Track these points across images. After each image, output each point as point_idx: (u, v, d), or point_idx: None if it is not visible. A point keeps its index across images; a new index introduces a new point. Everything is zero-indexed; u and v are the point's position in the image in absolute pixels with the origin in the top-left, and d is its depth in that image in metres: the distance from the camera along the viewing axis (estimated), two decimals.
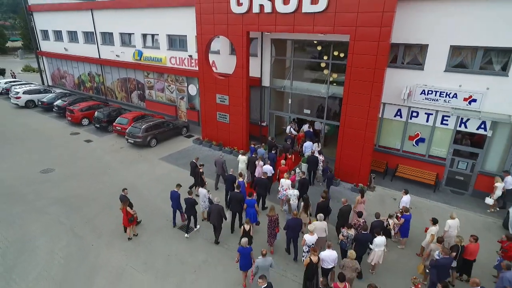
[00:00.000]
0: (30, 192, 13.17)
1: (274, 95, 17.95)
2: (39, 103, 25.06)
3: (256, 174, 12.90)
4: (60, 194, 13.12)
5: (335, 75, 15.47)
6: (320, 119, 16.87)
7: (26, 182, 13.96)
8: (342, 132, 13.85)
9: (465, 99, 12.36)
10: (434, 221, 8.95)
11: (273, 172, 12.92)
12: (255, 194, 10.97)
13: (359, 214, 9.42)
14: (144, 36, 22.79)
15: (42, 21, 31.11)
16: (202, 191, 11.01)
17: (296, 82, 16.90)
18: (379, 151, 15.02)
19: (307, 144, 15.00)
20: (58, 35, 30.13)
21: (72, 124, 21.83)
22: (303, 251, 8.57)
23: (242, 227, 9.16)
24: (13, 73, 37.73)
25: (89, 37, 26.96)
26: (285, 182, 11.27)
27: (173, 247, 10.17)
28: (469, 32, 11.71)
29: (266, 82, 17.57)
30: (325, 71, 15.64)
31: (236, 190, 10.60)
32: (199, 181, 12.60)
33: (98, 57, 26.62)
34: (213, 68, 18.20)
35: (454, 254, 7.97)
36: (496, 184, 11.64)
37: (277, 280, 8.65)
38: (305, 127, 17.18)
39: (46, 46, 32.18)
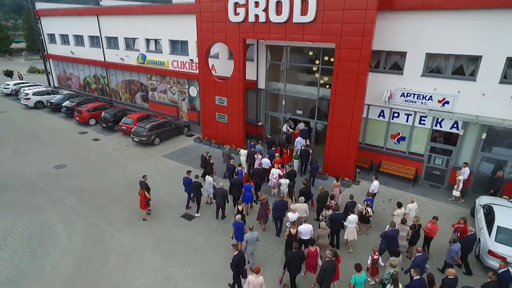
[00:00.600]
0: (47, 185, 14.53)
1: (269, 97, 19.31)
2: (48, 104, 26.44)
3: (256, 166, 14.37)
4: (73, 187, 14.47)
5: (325, 78, 16.82)
6: (311, 119, 18.22)
7: (42, 177, 15.33)
8: (329, 131, 15.21)
9: (439, 101, 13.71)
10: (399, 205, 10.46)
11: (270, 165, 14.33)
12: (252, 182, 12.60)
13: (331, 197, 11.03)
14: (148, 40, 24.14)
15: (49, 25, 32.49)
16: (208, 178, 12.71)
17: (289, 84, 18.25)
18: (364, 148, 16.37)
19: (298, 139, 16.50)
20: (64, 38, 31.51)
21: (80, 124, 23.20)
22: (287, 227, 10.04)
23: (236, 206, 10.84)
24: (20, 74, 39.13)
25: (94, 41, 28.34)
26: (275, 171, 13.04)
27: (177, 232, 11.52)
28: (442, 41, 13.05)
29: (261, 84, 18.93)
30: (316, 75, 17.00)
31: (235, 177, 12.35)
32: (209, 170, 14.16)
33: (103, 60, 28.01)
34: (213, 72, 19.56)
35: (408, 228, 9.61)
36: (458, 177, 13.00)
37: (264, 257, 10.02)
38: (301, 125, 18.60)
39: (52, 49, 33.55)
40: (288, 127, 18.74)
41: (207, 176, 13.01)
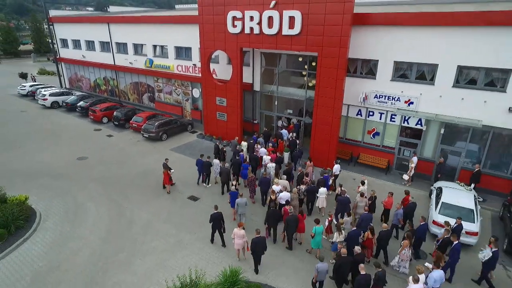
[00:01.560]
0: (73, 174, 17.06)
1: (263, 97, 21.82)
2: (63, 104, 28.97)
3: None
4: (95, 175, 17.00)
5: (312, 82, 19.31)
6: (300, 117, 20.73)
7: (68, 166, 17.86)
8: (314, 127, 17.74)
9: (405, 102, 16.22)
10: (362, 183, 13.01)
11: (265, 153, 16.95)
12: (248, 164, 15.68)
13: (306, 175, 13.90)
14: (155, 47, 26.65)
15: (62, 31, 35.01)
16: (215, 161, 15.81)
17: (281, 87, 20.75)
18: (345, 142, 18.88)
19: (283, 131, 19.67)
20: (76, 43, 34.03)
21: (94, 122, 25.72)
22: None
23: (230, 182, 14.24)
24: (33, 76, 41.66)
25: (105, 46, 30.86)
26: (266, 157, 16.02)
27: (185, 209, 14.03)
28: (407, 51, 15.56)
29: (257, 87, 21.45)
30: (304, 78, 19.52)
31: (236, 157, 15.94)
32: (222, 157, 17.09)
33: (113, 63, 30.52)
34: (214, 75, 22.03)
35: (366, 200, 12.38)
36: (411, 165, 15.61)
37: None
38: (294, 120, 21.20)
39: (65, 53, 36.08)
40: (282, 122, 21.42)
41: (215, 159, 16.05)
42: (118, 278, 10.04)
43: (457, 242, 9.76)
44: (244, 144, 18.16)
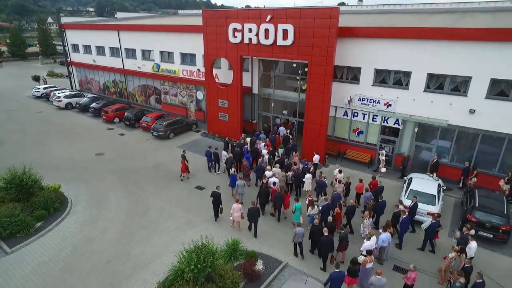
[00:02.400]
0: (93, 167, 19.41)
1: (261, 100, 24.14)
2: (77, 105, 31.33)
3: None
4: (112, 168, 19.34)
5: (305, 86, 21.59)
6: (293, 118, 23.06)
7: (88, 161, 20.22)
8: (305, 127, 20.08)
9: (384, 104, 18.54)
10: (339, 171, 15.38)
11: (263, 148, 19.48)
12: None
13: (294, 163, 16.46)
14: (162, 52, 28.97)
15: (73, 37, 37.36)
16: (224, 152, 18.62)
17: (277, 90, 23.06)
18: (334, 140, 21.20)
19: (281, 128, 22.33)
20: (87, 49, 36.37)
21: (106, 122, 28.07)
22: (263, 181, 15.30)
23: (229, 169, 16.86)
24: (45, 79, 44.00)
25: (114, 51, 33.19)
26: (264, 151, 18.58)
27: (193, 197, 16.35)
28: (385, 60, 17.87)
29: (255, 90, 23.77)
30: (298, 83, 21.84)
31: (237, 149, 18.78)
32: (229, 149, 19.80)
33: (122, 67, 32.86)
34: (216, 80, 24.32)
35: (342, 185, 14.78)
36: (382, 157, 18.07)
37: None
38: (292, 119, 23.58)
39: (75, 57, 38.42)
40: (280, 120, 23.96)
41: (223, 151, 18.95)
42: (141, 249, 12.37)
43: (405, 216, 12.13)
44: (248, 139, 20.70)
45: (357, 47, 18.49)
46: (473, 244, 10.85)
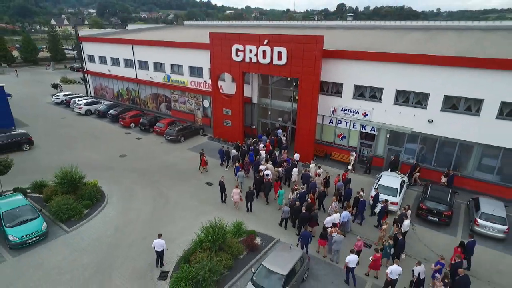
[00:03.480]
0: (117, 166, 23.13)
1: (260, 108, 27.85)
2: (96, 111, 35.06)
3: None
4: (134, 168, 23.05)
5: (297, 97, 25.30)
6: (288, 124, 26.79)
7: (113, 161, 23.95)
8: (297, 132, 23.81)
9: (362, 114, 22.25)
10: (319, 167, 19.24)
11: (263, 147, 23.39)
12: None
13: (285, 160, 20.18)
14: (172, 65, 32.69)
15: (89, 49, 41.10)
16: (233, 151, 22.41)
17: (273, 100, 26.77)
18: (322, 143, 24.90)
19: (279, 131, 26.10)
20: (102, 59, 40.10)
21: (123, 127, 31.79)
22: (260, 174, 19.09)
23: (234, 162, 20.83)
24: (61, 86, 47.69)
25: (128, 63, 36.91)
26: (262, 152, 22.31)
27: (204, 191, 20.03)
28: (363, 77, 21.57)
29: (255, 100, 27.48)
30: (291, 94, 25.56)
31: (243, 148, 23.00)
32: (238, 149, 23.55)
33: (135, 77, 36.58)
34: (221, 90, 28.02)
35: (321, 178, 18.52)
36: (351, 158, 21.83)
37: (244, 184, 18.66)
38: (287, 125, 27.29)
39: (91, 67, 42.16)
40: (279, 124, 27.67)
41: (233, 150, 22.95)
42: (167, 229, 16.02)
43: (362, 199, 16.15)
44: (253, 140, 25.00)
45: (339, 66, 22.20)
46: (406, 222, 14.68)
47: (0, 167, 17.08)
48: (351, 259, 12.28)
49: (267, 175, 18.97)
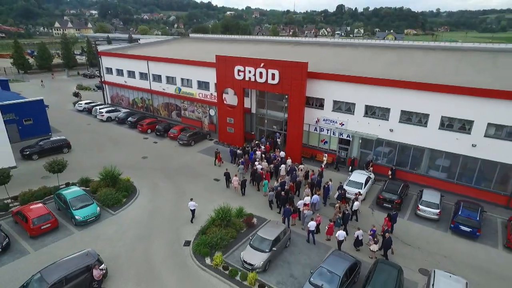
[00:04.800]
0: (142, 166, 28.48)
1: (258, 117, 33.20)
2: (115, 118, 40.45)
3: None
4: (156, 167, 28.37)
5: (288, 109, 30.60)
6: (281, 131, 32.16)
7: (138, 162, 29.31)
8: (288, 138, 29.18)
9: (340, 124, 27.58)
10: (301, 163, 24.62)
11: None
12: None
13: (274, 158, 25.61)
14: (182, 79, 38.05)
15: (107, 62, 46.49)
16: (239, 151, 27.90)
17: (269, 111, 32.11)
18: (308, 147, 30.23)
19: (276, 134, 31.44)
20: (119, 72, 45.49)
21: (141, 133, 37.14)
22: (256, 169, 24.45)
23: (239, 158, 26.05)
24: (80, 94, 53.03)
25: (143, 76, 42.29)
26: (258, 152, 27.48)
27: (212, 185, 25.37)
28: (339, 94, 26.90)
29: (253, 110, 32.84)
30: (283, 106, 30.91)
31: (246, 148, 27.97)
32: (243, 150, 28.96)
33: (149, 88, 41.95)
34: (225, 102, 33.34)
35: (302, 172, 24.08)
36: (324, 158, 27.24)
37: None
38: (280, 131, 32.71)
39: (108, 78, 47.56)
40: (277, 128, 33.05)
41: (238, 150, 28.35)
42: (186, 214, 21.32)
43: (327, 186, 21.58)
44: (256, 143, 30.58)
45: (321, 85, 27.52)
46: (356, 203, 20.25)
47: (59, 167, 22.46)
48: (311, 224, 18.08)
49: (261, 169, 24.54)
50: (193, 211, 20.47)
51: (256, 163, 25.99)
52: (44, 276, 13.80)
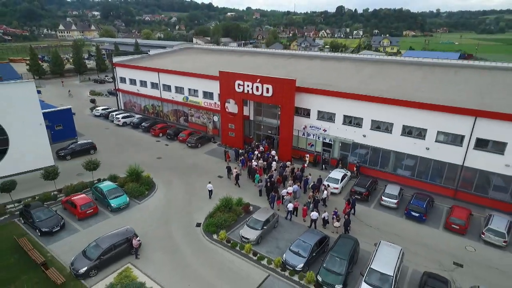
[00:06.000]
0: (158, 166, 33.89)
1: (255, 124, 38.62)
2: (130, 123, 45.92)
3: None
4: (169, 166, 33.81)
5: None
6: (275, 135, 37.59)
7: (154, 162, 34.76)
8: (280, 141, 34.63)
9: (323, 130, 33.00)
10: (290, 163, 30.05)
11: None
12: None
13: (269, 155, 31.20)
14: (190, 89, 43.49)
15: (121, 72, 51.97)
16: (241, 151, 33.40)
17: (265, 118, 37.52)
18: (298, 149, 35.64)
19: (275, 136, 36.69)
20: (132, 81, 50.95)
21: (154, 136, 42.59)
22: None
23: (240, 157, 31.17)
24: (94, 100, 58.51)
25: (154, 85, 47.74)
26: (255, 152, 32.81)
27: (216, 181, 30.76)
28: (322, 105, 32.31)
29: (251, 117, 38.27)
30: (277, 114, 36.32)
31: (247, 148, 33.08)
32: (245, 150, 34.26)
33: (159, 96, 47.41)
34: (227, 110, 38.72)
35: (289, 168, 29.60)
36: (306, 158, 32.70)
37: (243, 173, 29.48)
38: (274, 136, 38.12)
39: (122, 86, 53.03)
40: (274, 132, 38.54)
41: (240, 150, 33.67)
42: (198, 204, 26.75)
43: (306, 178, 27.08)
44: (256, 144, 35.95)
45: (308, 98, 32.93)
46: (325, 192, 25.69)
47: (94, 165, 27.96)
48: (289, 206, 23.89)
49: (255, 165, 30.11)
50: (210, 191, 27.06)
51: (253, 161, 31.38)
52: (99, 243, 19.32)
